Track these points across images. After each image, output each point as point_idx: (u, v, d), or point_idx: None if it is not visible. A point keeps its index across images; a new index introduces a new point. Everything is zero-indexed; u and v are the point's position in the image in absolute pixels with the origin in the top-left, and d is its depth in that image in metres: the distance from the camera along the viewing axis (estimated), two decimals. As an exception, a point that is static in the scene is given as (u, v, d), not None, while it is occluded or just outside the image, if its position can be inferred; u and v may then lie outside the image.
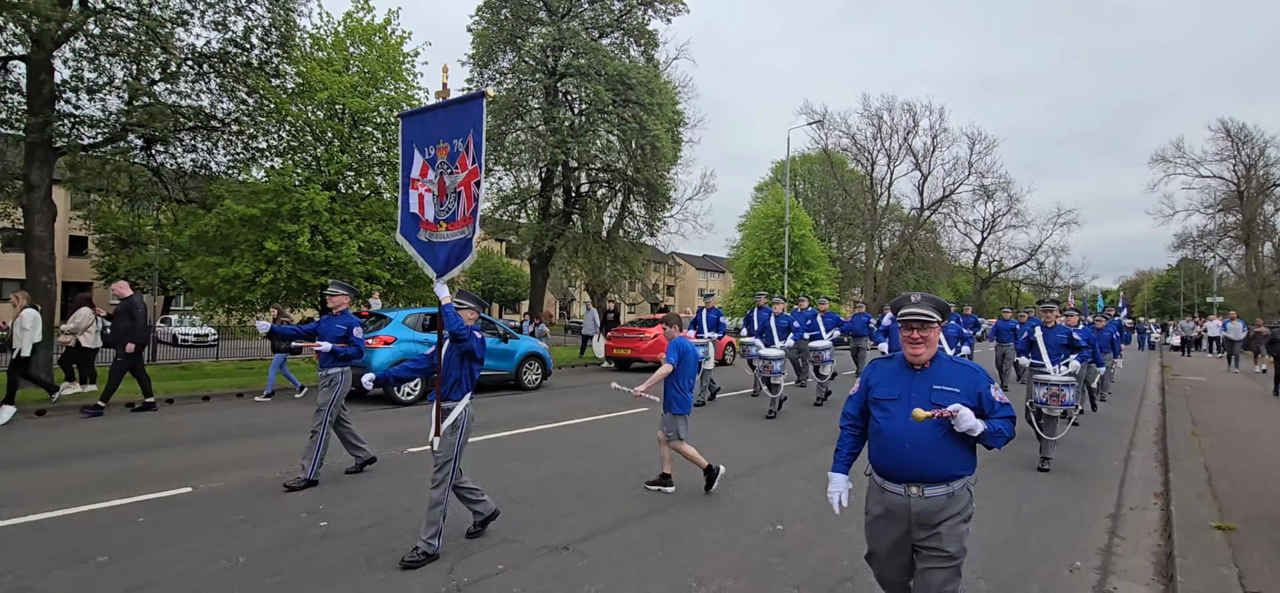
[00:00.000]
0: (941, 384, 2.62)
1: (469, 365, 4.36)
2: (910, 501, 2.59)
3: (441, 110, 4.28)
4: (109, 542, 4.30)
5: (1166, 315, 63.46)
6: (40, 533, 4.45)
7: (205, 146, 16.28)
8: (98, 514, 4.84)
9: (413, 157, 4.39)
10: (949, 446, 2.57)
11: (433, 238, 4.30)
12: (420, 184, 4.35)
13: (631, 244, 22.28)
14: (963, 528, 2.61)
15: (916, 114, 49.50)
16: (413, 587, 3.69)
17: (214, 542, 4.34)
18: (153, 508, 5.03)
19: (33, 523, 4.63)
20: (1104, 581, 4.08)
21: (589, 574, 3.86)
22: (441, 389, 4.26)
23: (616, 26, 19.53)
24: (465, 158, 4.11)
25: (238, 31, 15.25)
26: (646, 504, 5.29)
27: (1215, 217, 50.09)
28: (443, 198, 4.23)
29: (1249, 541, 4.52)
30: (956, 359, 2.77)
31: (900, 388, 2.68)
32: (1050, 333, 7.22)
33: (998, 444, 2.59)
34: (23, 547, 4.18)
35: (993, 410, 2.60)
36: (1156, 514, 5.43)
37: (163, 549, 4.20)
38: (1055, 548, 4.59)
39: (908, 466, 2.59)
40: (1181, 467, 6.68)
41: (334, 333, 6.04)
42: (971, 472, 2.64)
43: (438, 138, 4.25)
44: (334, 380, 5.94)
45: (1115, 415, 10.79)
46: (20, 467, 6.25)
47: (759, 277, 35.32)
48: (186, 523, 4.71)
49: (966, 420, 2.48)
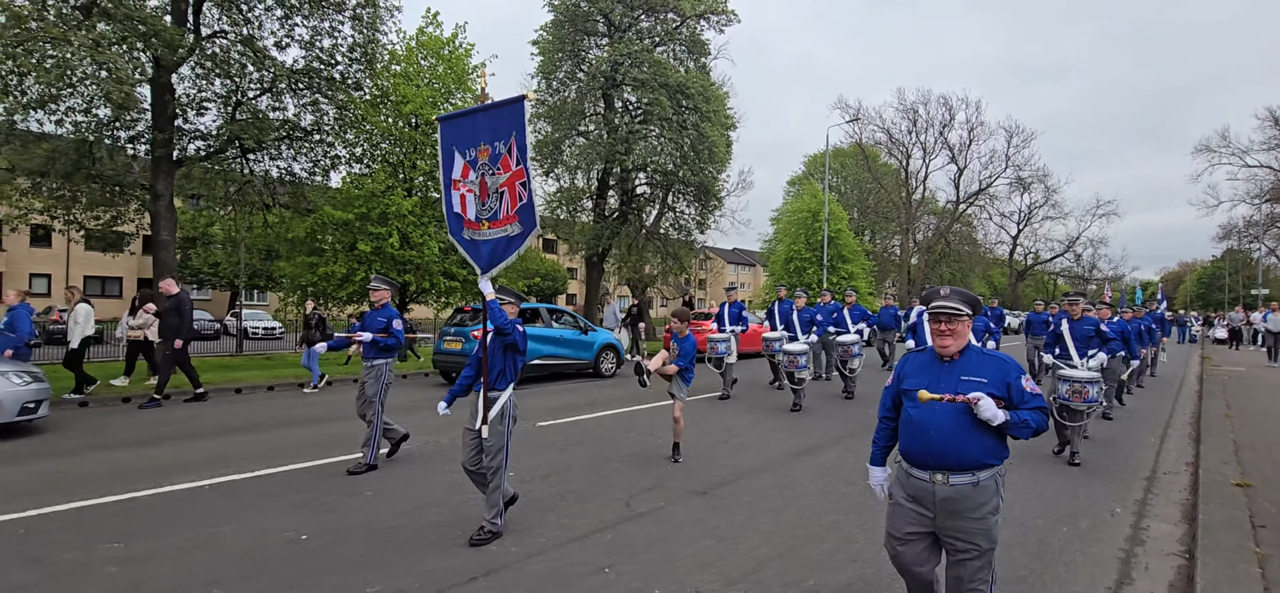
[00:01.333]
0: (970, 375, 2.67)
1: (512, 357, 4.55)
2: (935, 487, 2.64)
3: (481, 114, 4.37)
4: (189, 517, 4.71)
5: (1210, 308, 62.40)
6: (118, 512, 4.84)
7: (289, 154, 17.85)
8: (175, 495, 5.24)
9: (453, 159, 4.50)
10: (975, 434, 2.60)
11: (475, 236, 4.43)
12: (462, 185, 4.47)
13: (683, 242, 23.42)
14: (992, 520, 2.63)
15: (952, 107, 49.62)
16: (475, 558, 4.06)
17: (278, 521, 4.64)
18: (221, 491, 5.39)
19: (117, 502, 5.04)
20: (1140, 521, 5.09)
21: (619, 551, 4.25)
22: (487, 379, 4.40)
23: (671, 37, 20.63)
24: (508, 159, 4.21)
25: (324, 48, 16.70)
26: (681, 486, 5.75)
27: (1262, 207, 49.17)
28: (484, 198, 4.33)
29: (1263, 494, 5.46)
30: (987, 351, 2.81)
31: (929, 379, 2.75)
32: (1076, 326, 7.11)
33: (1024, 435, 2.60)
34: (109, 523, 4.57)
35: (1022, 401, 2.64)
36: (1187, 477, 6.37)
37: (236, 521, 4.63)
38: (1099, 498, 5.59)
39: (933, 453, 2.64)
40: (1212, 441, 7.57)
41: (376, 325, 6.26)
42: (1000, 462, 2.67)
43: (479, 140, 4.35)
44: (379, 371, 6.21)
45: (1153, 403, 11.55)
46: (102, 450, 6.71)
47: (795, 271, 35.99)
48: (254, 503, 5.08)
49: (987, 410, 2.54)
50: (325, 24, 16.31)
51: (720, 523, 4.82)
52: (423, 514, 4.91)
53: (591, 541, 4.45)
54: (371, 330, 6.23)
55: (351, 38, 16.84)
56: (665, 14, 19.75)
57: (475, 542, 4.26)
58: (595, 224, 21.24)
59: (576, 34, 19.99)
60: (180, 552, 4.13)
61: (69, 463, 6.21)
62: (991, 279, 62.41)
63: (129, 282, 37.73)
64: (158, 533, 4.46)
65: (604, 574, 3.91)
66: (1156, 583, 3.97)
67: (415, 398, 10.62)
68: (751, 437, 7.90)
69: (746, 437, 7.89)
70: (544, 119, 20.46)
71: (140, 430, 7.88)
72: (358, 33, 16.65)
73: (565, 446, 7.23)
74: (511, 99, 4.24)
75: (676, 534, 4.59)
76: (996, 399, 2.60)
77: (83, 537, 4.33)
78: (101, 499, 5.13)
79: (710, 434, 7.96)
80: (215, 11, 15.37)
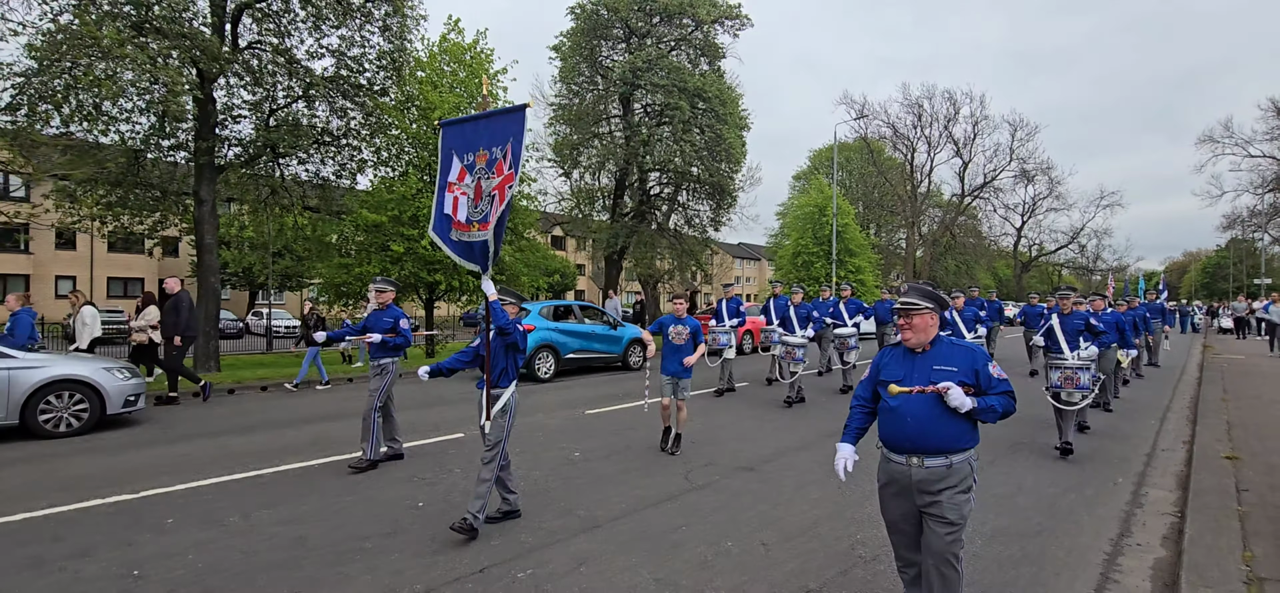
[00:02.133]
0: (941, 365, 2.91)
1: (513, 355, 4.70)
2: (911, 469, 2.88)
3: (483, 120, 4.47)
4: (234, 507, 4.95)
5: (1215, 297, 62.81)
6: (242, 487, 5.47)
7: (317, 158, 18.56)
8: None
9: (451, 162, 4.58)
10: (947, 421, 2.83)
11: (466, 238, 4.49)
12: (456, 188, 4.53)
13: (698, 239, 24.12)
14: (962, 498, 2.84)
15: (957, 101, 50.09)
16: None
17: (291, 515, 4.80)
18: (250, 484, 5.62)
19: (240, 479, 5.69)
20: (1139, 488, 5.77)
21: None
22: (490, 377, 4.54)
23: (686, 41, 21.27)
24: (502, 164, 4.30)
25: (353, 57, 17.37)
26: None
27: (1265, 196, 49.59)
28: (477, 200, 4.40)
29: (1249, 465, 6.14)
30: (957, 342, 3.04)
31: (903, 370, 2.98)
32: (1067, 319, 7.23)
33: (990, 420, 2.83)
34: (240, 496, 5.22)
35: (990, 386, 2.88)
36: (1183, 453, 7.04)
37: (270, 510, 4.90)
38: (1103, 471, 6.27)
39: (909, 438, 2.87)
40: (1207, 422, 8.25)
41: (382, 325, 6.40)
42: (971, 446, 2.89)
43: (478, 145, 4.43)
44: (385, 369, 6.32)
45: (1154, 391, 12.21)
46: (205, 438, 7.32)
47: (803, 265, 36.60)
48: (278, 497, 5.25)
49: (955, 397, 2.78)
50: (356, 35, 16.99)
51: (770, 492, 5.52)
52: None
53: (664, 507, 5.15)
54: (379, 331, 6.36)
55: (380, 46, 17.52)
56: (682, 19, 20.41)
57: (456, 529, 4.36)
58: (613, 223, 21.95)
59: (595, 40, 20.68)
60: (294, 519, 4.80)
61: (180, 448, 6.93)
62: (996, 271, 62.95)
63: (150, 283, 38.48)
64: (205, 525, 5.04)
65: (682, 530, 4.61)
66: (1151, 535, 4.66)
67: (442, 392, 11.29)
68: (753, 427, 8.21)
69: (747, 427, 8.23)
70: (563, 122, 21.13)
71: (205, 423, 8.62)
72: (388, 41, 17.33)
73: (617, 431, 7.93)
74: (514, 108, 4.35)
75: (735, 501, 5.29)
76: (966, 387, 2.84)
77: (234, 505, 5.05)
78: (224, 478, 5.86)
79: (713, 426, 8.56)
80: (251, 23, 16.05)
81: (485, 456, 4.52)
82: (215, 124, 15.69)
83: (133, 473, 5.95)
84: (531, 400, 9.94)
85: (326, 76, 16.98)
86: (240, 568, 3.98)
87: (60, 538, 4.41)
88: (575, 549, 4.29)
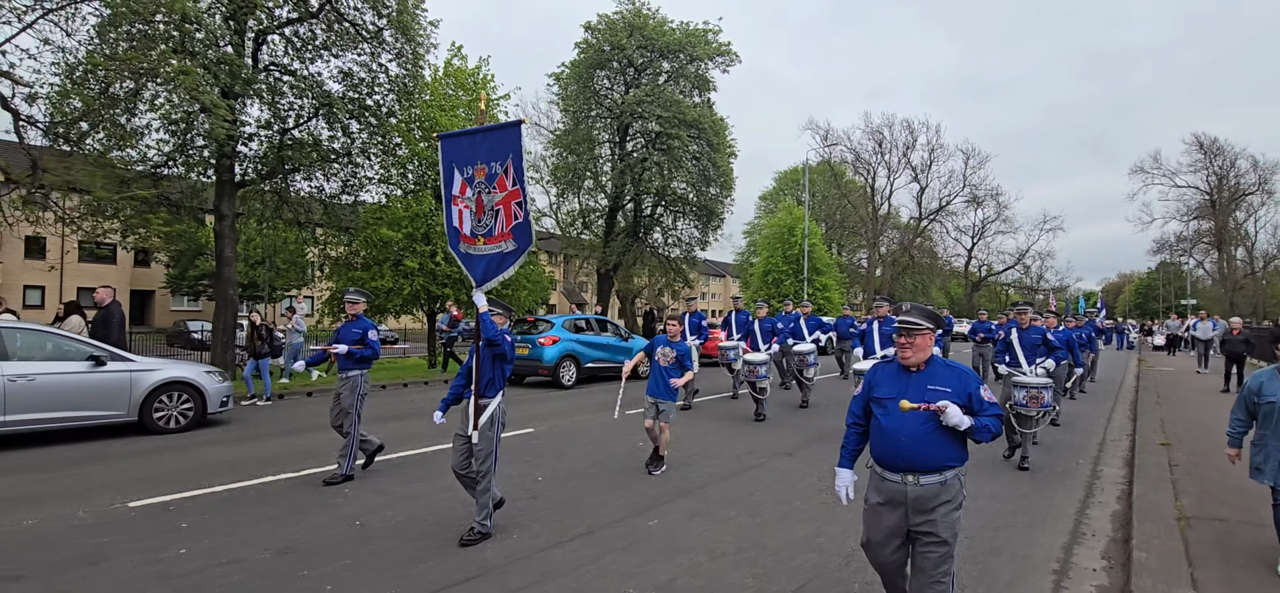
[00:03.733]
0: (934, 384, 2.92)
1: (501, 366, 4.73)
2: (907, 488, 2.88)
3: (480, 135, 4.54)
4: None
5: (1147, 316, 67.30)
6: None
7: (320, 175, 19.31)
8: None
9: (453, 175, 4.64)
10: (941, 439, 2.86)
11: (471, 251, 4.59)
12: (459, 201, 4.60)
13: (686, 258, 25.55)
14: (955, 515, 2.88)
15: (914, 130, 53.08)
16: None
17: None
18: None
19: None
20: (1096, 467, 7.26)
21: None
22: (478, 387, 4.59)
23: (680, 74, 22.80)
24: (504, 179, 4.37)
25: (362, 79, 18.24)
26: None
27: (1190, 223, 53.95)
28: (480, 214, 4.48)
29: (1177, 447, 7.71)
30: (950, 363, 3.05)
31: (898, 388, 2.98)
32: (1025, 335, 7.45)
33: (985, 439, 2.87)
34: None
35: (982, 409, 2.89)
36: (1127, 442, 8.61)
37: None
38: (1067, 453, 7.76)
39: (904, 457, 2.88)
40: (1145, 419, 9.90)
41: (351, 337, 6.27)
42: (962, 464, 2.93)
43: (476, 159, 4.49)
44: (355, 382, 6.20)
45: (1099, 398, 13.99)
46: (280, 437, 7.01)
47: (774, 282, 38.33)
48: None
49: (954, 416, 2.80)
50: (369, 60, 17.88)
51: (810, 472, 6.78)
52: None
53: (735, 480, 6.35)
54: (347, 342, 6.23)
55: (390, 70, 18.41)
56: (679, 55, 21.93)
57: (465, 542, 4.48)
58: (607, 243, 23.22)
59: (596, 70, 22.04)
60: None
61: (268, 444, 7.83)
62: (949, 290, 66.35)
63: (122, 292, 37.91)
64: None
65: (754, 498, 5.82)
66: (1108, 496, 6.10)
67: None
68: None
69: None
70: (560, 146, 22.34)
71: (272, 425, 9.45)
72: (400, 67, 18.24)
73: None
74: (509, 123, 4.47)
75: (784, 478, 6.53)
76: (960, 407, 2.87)
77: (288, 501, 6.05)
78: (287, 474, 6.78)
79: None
80: (277, 43, 16.79)
81: (478, 468, 4.59)
82: (236, 141, 16.36)
83: (246, 462, 6.88)
84: (555, 405, 11.04)
85: (336, 96, 17.83)
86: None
87: (203, 512, 5.37)
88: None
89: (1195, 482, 6.24)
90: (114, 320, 9.46)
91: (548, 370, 13.09)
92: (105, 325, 9.32)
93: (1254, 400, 4.20)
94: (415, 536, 4.74)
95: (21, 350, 7.23)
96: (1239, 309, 46.71)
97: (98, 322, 9.44)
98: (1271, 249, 53.04)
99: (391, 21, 17.71)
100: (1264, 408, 4.12)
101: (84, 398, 7.44)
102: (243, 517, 5.13)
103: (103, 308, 9.64)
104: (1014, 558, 4.50)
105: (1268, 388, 4.13)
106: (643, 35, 21.33)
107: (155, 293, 39.45)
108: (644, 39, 21.32)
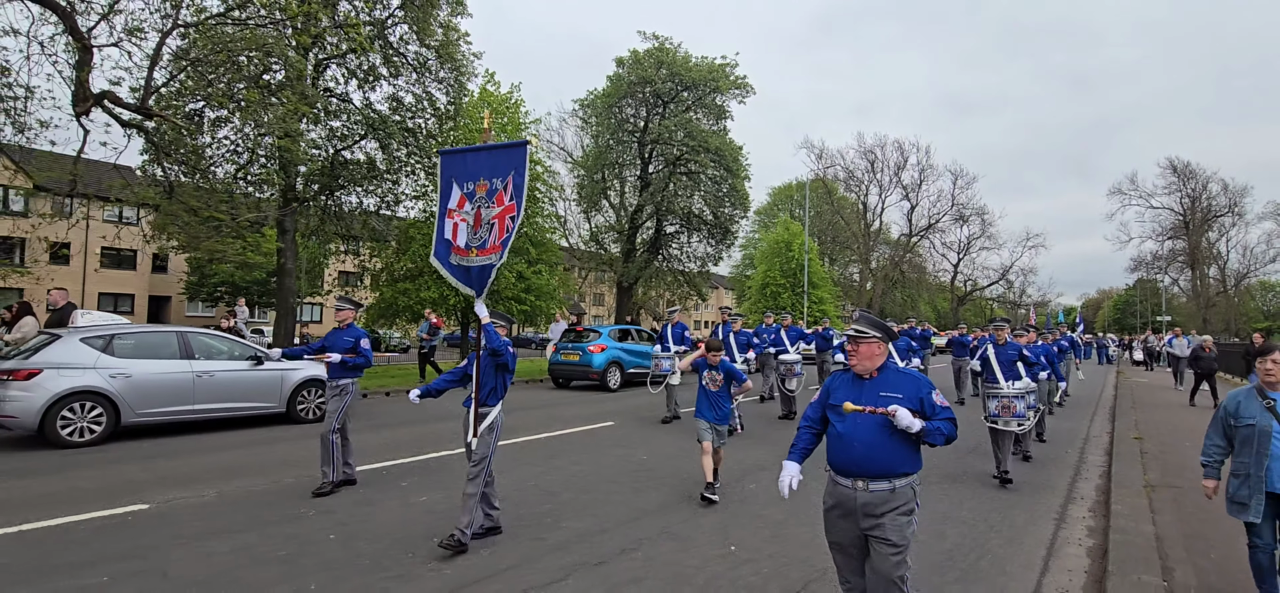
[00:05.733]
0: (887, 391, 2.99)
1: (502, 376, 4.77)
2: (857, 493, 2.95)
3: (484, 153, 4.65)
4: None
5: (1125, 331, 69.86)
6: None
7: (360, 192, 20.77)
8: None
9: (451, 189, 4.72)
10: (892, 445, 2.93)
11: (465, 263, 4.64)
12: (456, 215, 4.67)
13: (701, 273, 27.24)
14: (903, 520, 2.92)
15: (905, 150, 55.23)
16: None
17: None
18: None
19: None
20: (1081, 458, 8.88)
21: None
22: (479, 396, 4.65)
23: (701, 103, 24.60)
24: (503, 195, 4.48)
25: (408, 104, 19.72)
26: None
27: (1165, 243, 56.46)
28: (476, 227, 4.55)
29: (1148, 441, 9.38)
30: (904, 370, 3.12)
31: (851, 394, 3.06)
32: (1001, 351, 7.47)
33: (938, 442, 2.92)
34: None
35: (934, 413, 2.95)
36: (1106, 438, 10.28)
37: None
38: (1058, 444, 9.39)
39: (855, 462, 2.95)
40: (1122, 421, 11.60)
41: (343, 345, 6.18)
42: (914, 471, 2.98)
43: (478, 176, 4.60)
44: (344, 390, 6.13)
45: (1080, 406, 15.71)
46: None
47: (772, 295, 40.03)
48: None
49: (903, 418, 2.85)
50: (417, 88, 19.36)
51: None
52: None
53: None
54: (339, 351, 6.15)
55: (433, 95, 19.90)
56: (700, 88, 23.72)
57: (444, 546, 4.39)
58: (627, 261, 24.90)
59: (623, 100, 23.77)
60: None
61: (384, 435, 9.22)
62: (935, 304, 68.46)
63: (140, 299, 38.90)
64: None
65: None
66: (1093, 474, 7.72)
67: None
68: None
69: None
70: (583, 167, 23.98)
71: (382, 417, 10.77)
72: (444, 94, 19.73)
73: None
74: (514, 143, 4.59)
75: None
76: (912, 412, 2.90)
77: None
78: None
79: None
80: (337, 72, 18.22)
81: (471, 472, 4.58)
82: (295, 163, 17.75)
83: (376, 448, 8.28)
84: (596, 409, 12.52)
85: (385, 119, 19.30)
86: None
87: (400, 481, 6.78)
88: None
89: (1159, 463, 7.89)
90: (68, 322, 9.22)
91: (597, 375, 14.58)
92: (61, 326, 9.05)
93: (1232, 423, 3.78)
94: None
95: (203, 351, 8.63)
96: (1212, 325, 49.13)
97: (51, 323, 9.31)
98: (1242, 268, 55.68)
99: (438, 52, 19.24)
100: (1243, 431, 3.71)
101: (250, 391, 8.83)
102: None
103: (56, 310, 9.56)
104: (1026, 511, 6.07)
105: (1245, 409, 3.74)
106: (670, 69, 23.09)
107: (172, 298, 40.36)
108: (671, 73, 23.07)
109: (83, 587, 3.85)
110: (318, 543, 4.68)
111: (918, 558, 3.85)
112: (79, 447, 7.52)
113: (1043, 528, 5.61)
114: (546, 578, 4.14)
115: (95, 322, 9.04)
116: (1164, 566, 4.47)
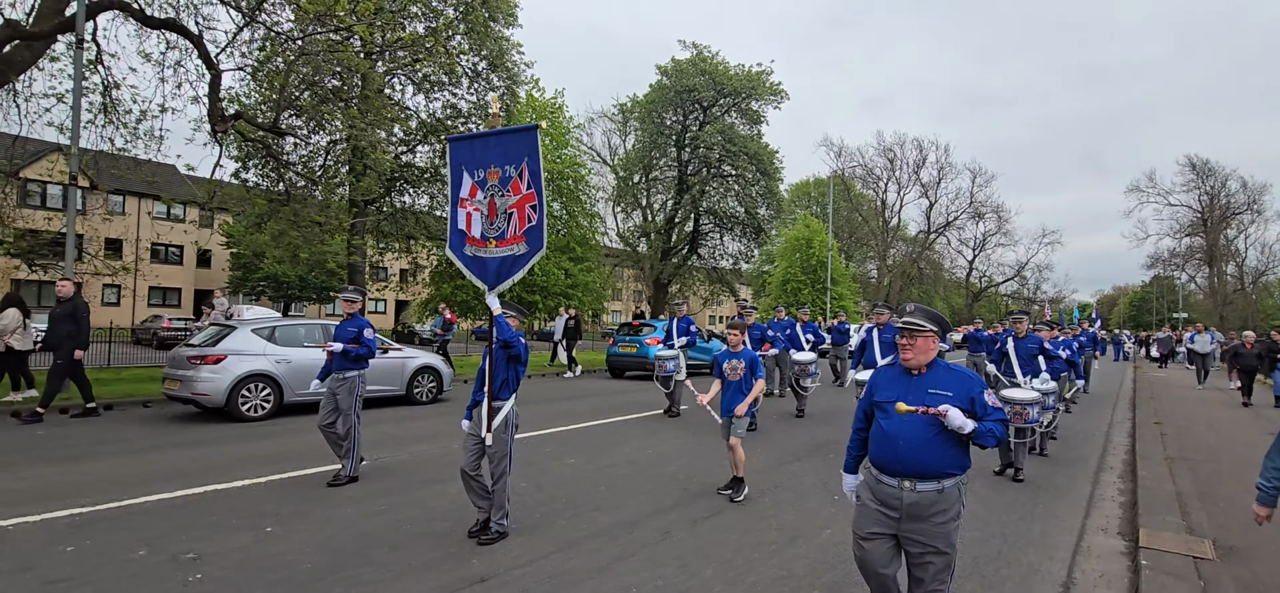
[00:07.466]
0: (936, 388, 2.88)
1: (515, 368, 4.67)
2: (903, 493, 2.83)
3: (493, 138, 4.50)
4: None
5: (1140, 328, 70.16)
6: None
7: (414, 193, 22.14)
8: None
9: (462, 178, 4.60)
10: (941, 444, 2.81)
11: (481, 253, 4.54)
12: (468, 204, 4.57)
13: (733, 270, 28.48)
14: (953, 526, 2.82)
15: (924, 148, 56.00)
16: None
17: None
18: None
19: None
20: (1107, 439, 10.00)
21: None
22: (491, 389, 4.52)
23: (738, 110, 25.83)
24: (518, 183, 4.34)
25: (461, 109, 21.00)
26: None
27: (1182, 240, 56.86)
28: (492, 217, 4.44)
29: (1167, 426, 10.50)
30: (954, 366, 2.98)
31: (899, 391, 2.94)
32: (1021, 343, 7.31)
33: (989, 443, 2.81)
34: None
35: (985, 413, 2.83)
36: (1129, 423, 11.39)
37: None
38: (1078, 443, 10.41)
39: (902, 461, 2.83)
40: (1143, 409, 12.71)
41: (346, 335, 6.08)
42: (963, 472, 2.86)
43: (489, 163, 4.46)
44: (352, 382, 6.05)
45: (1105, 395, 16.77)
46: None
47: (793, 291, 41.09)
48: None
49: (955, 419, 2.74)
50: (475, 96, 20.64)
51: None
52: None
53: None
54: (342, 341, 6.05)
55: (487, 103, 21.15)
56: (738, 94, 24.95)
57: (484, 542, 4.48)
58: (664, 259, 26.23)
59: (665, 106, 25.07)
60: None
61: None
62: (950, 301, 69.17)
63: (187, 293, 40.53)
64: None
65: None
66: (1119, 449, 8.87)
67: (550, 390, 14.62)
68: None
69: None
70: (624, 169, 25.27)
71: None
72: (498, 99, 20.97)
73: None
74: (524, 127, 4.45)
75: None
76: (963, 412, 2.78)
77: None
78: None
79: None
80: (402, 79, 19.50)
81: (494, 469, 4.60)
82: (364, 169, 19.09)
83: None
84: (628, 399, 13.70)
85: (441, 123, 20.61)
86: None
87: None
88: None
89: (1177, 441, 9.05)
90: (82, 316, 9.12)
91: (653, 366, 15.75)
92: (73, 320, 9.00)
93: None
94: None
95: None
96: (1229, 323, 49.57)
97: (60, 316, 8.98)
98: (1260, 265, 56.06)
99: (491, 62, 20.53)
100: None
101: (377, 376, 10.09)
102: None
103: (68, 301, 9.17)
104: (1066, 475, 7.23)
105: None
106: (711, 77, 24.34)
107: (214, 292, 42.00)
108: (712, 80, 24.31)
109: (260, 534, 4.65)
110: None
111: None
112: (253, 421, 8.83)
113: (1081, 488, 6.77)
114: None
115: (257, 314, 10.32)
116: (1182, 511, 5.63)
